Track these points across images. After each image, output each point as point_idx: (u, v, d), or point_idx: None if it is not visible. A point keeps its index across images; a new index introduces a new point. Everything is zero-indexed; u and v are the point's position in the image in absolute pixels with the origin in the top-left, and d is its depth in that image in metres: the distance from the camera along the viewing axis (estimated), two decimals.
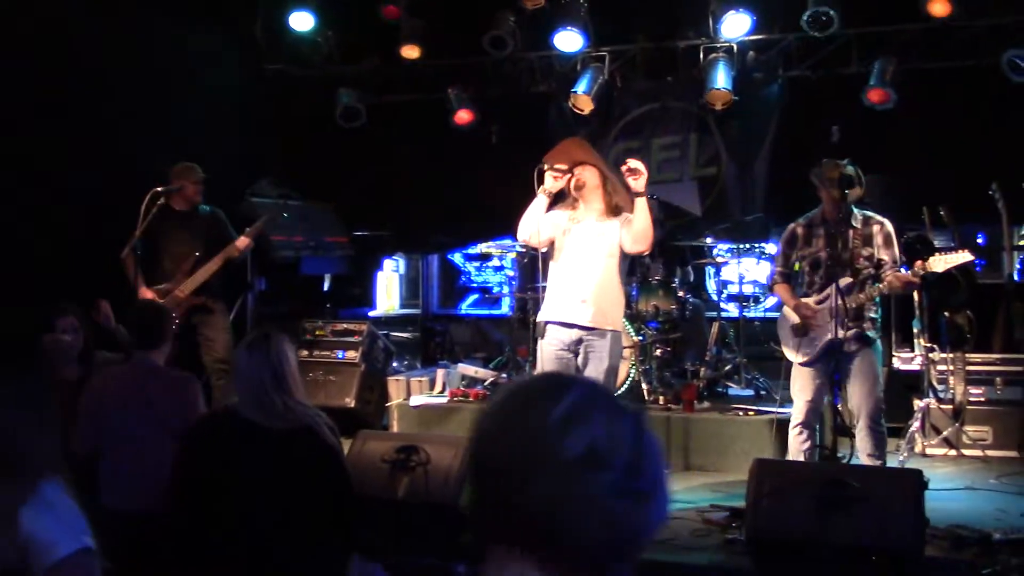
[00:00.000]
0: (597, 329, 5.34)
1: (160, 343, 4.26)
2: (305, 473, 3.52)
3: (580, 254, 5.42)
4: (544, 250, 5.63)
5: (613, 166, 5.77)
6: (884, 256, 5.48)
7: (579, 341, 5.37)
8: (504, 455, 1.33)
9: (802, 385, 5.65)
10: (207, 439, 3.73)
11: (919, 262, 5.36)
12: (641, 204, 5.27)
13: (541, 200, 5.44)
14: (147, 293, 6.45)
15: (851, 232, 5.53)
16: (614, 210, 5.43)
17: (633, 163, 5.28)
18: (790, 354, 5.72)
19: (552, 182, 5.40)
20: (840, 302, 5.30)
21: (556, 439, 1.30)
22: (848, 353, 5.47)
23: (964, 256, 5.39)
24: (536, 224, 5.45)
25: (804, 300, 5.62)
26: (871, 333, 5.53)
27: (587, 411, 1.33)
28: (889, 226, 5.58)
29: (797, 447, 5.64)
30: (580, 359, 5.41)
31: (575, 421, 1.31)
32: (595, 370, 5.35)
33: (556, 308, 5.44)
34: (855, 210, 5.59)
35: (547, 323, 5.46)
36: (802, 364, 5.64)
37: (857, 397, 5.52)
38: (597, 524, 1.30)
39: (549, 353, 5.44)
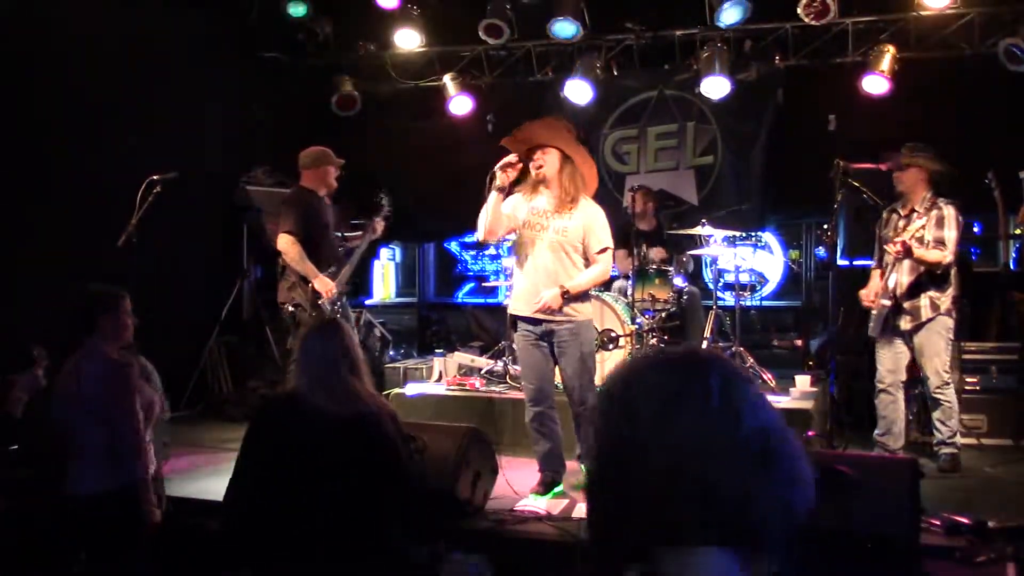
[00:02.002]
0: (565, 321, 5.35)
1: (93, 329, 4.18)
2: (364, 460, 3.53)
3: (540, 251, 5.38)
4: (508, 242, 5.63)
5: (579, 144, 5.69)
6: (930, 236, 5.84)
7: (550, 332, 5.38)
8: (680, 441, 1.24)
9: (878, 356, 6.19)
10: (270, 424, 3.72)
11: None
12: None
13: (493, 198, 5.31)
14: (327, 282, 6.36)
15: (915, 215, 5.96)
16: (572, 201, 5.38)
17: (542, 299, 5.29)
18: (869, 328, 6.22)
19: (502, 176, 5.29)
20: (891, 280, 5.95)
21: (732, 417, 1.24)
22: (906, 330, 6.00)
23: (944, 232, 5.83)
24: (489, 222, 5.36)
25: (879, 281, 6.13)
26: (926, 311, 5.92)
27: (740, 383, 1.29)
28: (947, 210, 5.92)
29: (878, 409, 6.17)
30: (555, 349, 5.41)
31: (735, 395, 1.26)
32: (571, 358, 5.36)
33: (523, 304, 5.43)
34: (928, 195, 6.01)
35: (516, 319, 5.48)
36: (872, 335, 6.17)
37: (924, 373, 6.00)
38: (783, 503, 1.26)
39: (524, 344, 5.46)
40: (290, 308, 6.45)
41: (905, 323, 5.98)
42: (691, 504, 1.22)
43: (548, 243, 5.36)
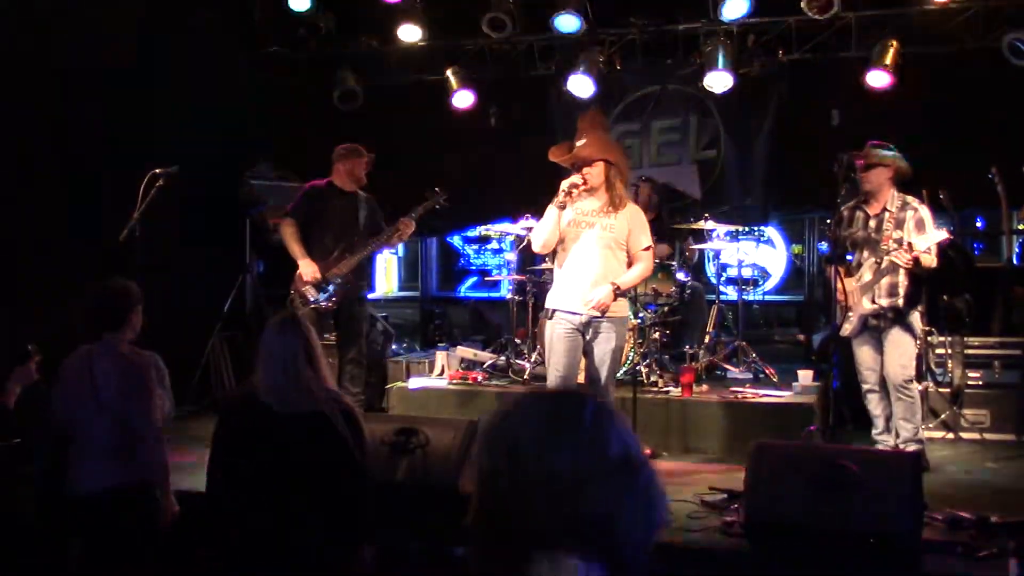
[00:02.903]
0: (606, 316, 5.47)
1: (120, 324, 4.19)
2: (312, 460, 3.51)
3: (588, 247, 5.54)
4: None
5: (615, 144, 5.80)
6: (912, 240, 5.68)
7: (588, 324, 5.51)
8: (557, 467, 1.37)
9: (857, 358, 6.10)
10: (231, 421, 3.72)
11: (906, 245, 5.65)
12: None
13: (553, 213, 5.53)
14: (311, 265, 6.49)
15: (887, 215, 5.87)
16: (620, 201, 5.58)
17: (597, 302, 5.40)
18: (842, 328, 6.08)
19: (567, 199, 5.49)
20: (871, 279, 5.84)
21: (601, 446, 1.39)
22: (883, 327, 5.91)
23: (940, 234, 5.65)
24: (547, 236, 5.58)
25: (848, 279, 6.02)
26: (903, 308, 5.85)
27: (608, 416, 1.42)
28: (923, 212, 5.85)
29: (870, 410, 6.12)
30: (588, 338, 5.54)
31: (604, 427, 1.40)
32: (603, 349, 5.51)
33: (565, 298, 5.56)
34: (894, 194, 5.91)
35: (555, 310, 5.58)
36: (848, 336, 6.07)
37: (887, 367, 5.92)
38: (643, 520, 1.40)
39: (558, 333, 5.55)
40: (291, 292, 6.63)
41: (883, 321, 5.92)
42: (564, 520, 1.36)
43: (596, 239, 5.53)
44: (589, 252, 5.53)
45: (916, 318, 5.96)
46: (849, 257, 6.14)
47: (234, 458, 3.59)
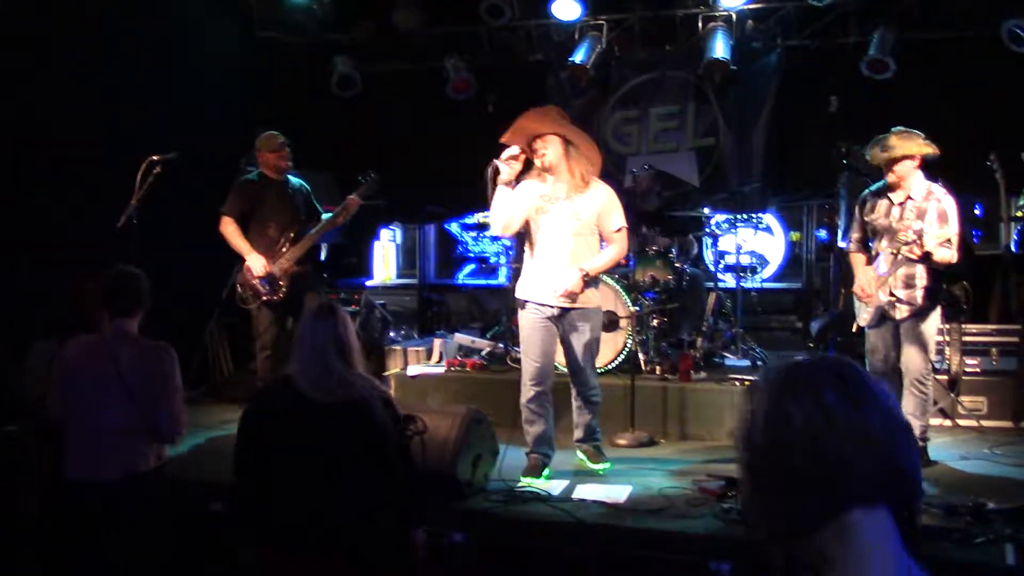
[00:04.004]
0: (577, 305, 5.38)
1: (135, 310, 4.22)
2: (352, 447, 3.48)
3: (554, 235, 5.38)
4: (520, 231, 5.56)
5: (578, 127, 5.60)
6: (931, 231, 5.48)
7: (561, 315, 5.41)
8: (870, 422, 1.48)
9: (870, 345, 5.97)
10: (263, 409, 3.69)
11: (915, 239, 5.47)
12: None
13: (503, 193, 5.31)
14: (259, 259, 6.52)
15: (910, 203, 5.67)
16: (582, 180, 5.36)
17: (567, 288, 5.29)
18: (859, 317, 5.98)
19: (508, 170, 5.29)
20: (887, 270, 5.66)
21: (890, 403, 1.52)
22: (900, 319, 5.75)
23: (950, 230, 5.49)
24: (505, 216, 5.37)
25: (866, 268, 5.87)
26: (922, 301, 5.68)
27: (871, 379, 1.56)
28: (946, 203, 5.60)
29: None
30: (563, 330, 5.45)
31: (883, 387, 1.54)
32: (579, 343, 5.42)
33: (534, 289, 5.43)
34: (920, 182, 5.69)
35: (526, 301, 5.48)
36: (865, 326, 5.95)
37: (906, 359, 5.76)
38: (919, 470, 1.54)
39: (532, 323, 5.45)
40: (238, 288, 6.67)
41: (900, 312, 5.74)
42: (878, 470, 1.47)
43: (563, 225, 5.36)
44: (556, 239, 5.36)
45: (936, 311, 5.78)
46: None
47: (267, 444, 3.56)
